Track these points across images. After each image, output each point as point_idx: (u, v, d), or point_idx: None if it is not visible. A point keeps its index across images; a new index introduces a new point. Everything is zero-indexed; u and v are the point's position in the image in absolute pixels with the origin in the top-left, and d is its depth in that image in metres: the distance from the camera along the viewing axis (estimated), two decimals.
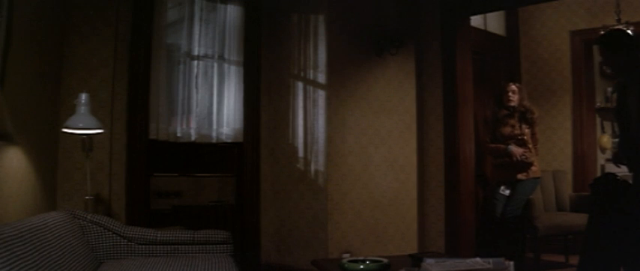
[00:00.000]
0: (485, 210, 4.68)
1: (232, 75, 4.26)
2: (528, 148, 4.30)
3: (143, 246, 2.93)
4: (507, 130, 4.38)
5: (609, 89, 5.80)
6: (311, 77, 4.23)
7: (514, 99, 4.40)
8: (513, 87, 4.45)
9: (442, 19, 4.54)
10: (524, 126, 4.36)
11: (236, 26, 4.29)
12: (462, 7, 4.52)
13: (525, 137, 4.33)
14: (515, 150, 4.28)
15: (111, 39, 3.56)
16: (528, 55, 5.49)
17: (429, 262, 2.50)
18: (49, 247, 2.04)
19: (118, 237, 2.89)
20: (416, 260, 2.77)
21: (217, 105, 4.18)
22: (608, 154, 5.63)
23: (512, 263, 2.47)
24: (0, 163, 2.33)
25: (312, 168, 4.17)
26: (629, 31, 2.86)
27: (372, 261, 2.72)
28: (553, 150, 5.05)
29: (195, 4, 4.10)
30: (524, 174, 4.31)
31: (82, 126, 2.95)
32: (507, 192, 4.34)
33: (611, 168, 5.12)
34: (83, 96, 2.94)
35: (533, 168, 4.34)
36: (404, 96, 4.44)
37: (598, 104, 5.57)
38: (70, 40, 3.43)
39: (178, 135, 4.00)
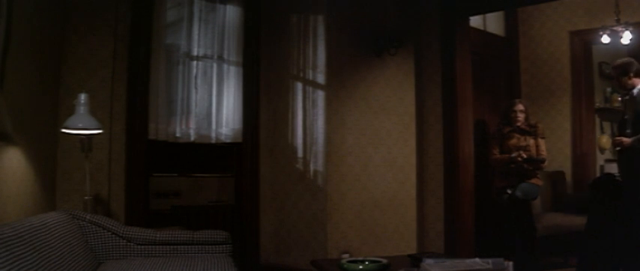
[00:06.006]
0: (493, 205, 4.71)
1: (231, 75, 4.25)
2: (538, 164, 4.40)
3: (142, 246, 2.93)
4: (513, 142, 4.46)
5: (608, 89, 5.81)
6: (310, 77, 4.23)
7: (521, 118, 4.48)
8: (521, 106, 4.52)
9: (441, 19, 4.54)
10: (528, 137, 4.46)
11: (235, 26, 4.29)
12: (462, 8, 4.53)
13: (530, 148, 4.39)
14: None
15: (110, 39, 3.55)
16: (527, 56, 5.49)
17: (428, 262, 2.50)
18: (49, 247, 2.04)
19: (117, 237, 2.89)
20: (415, 260, 2.77)
21: (216, 106, 4.17)
22: (608, 154, 5.64)
23: (511, 263, 2.47)
24: None
25: (311, 168, 4.17)
26: None
27: (371, 261, 2.72)
28: (552, 151, 5.04)
29: (194, 4, 4.09)
30: (526, 181, 4.38)
31: (82, 127, 2.95)
32: (510, 191, 4.37)
33: (610, 168, 5.12)
34: (82, 97, 2.93)
35: (535, 179, 4.43)
36: (403, 97, 4.44)
37: (597, 104, 5.57)
38: (69, 40, 3.42)
39: (177, 135, 3.99)
